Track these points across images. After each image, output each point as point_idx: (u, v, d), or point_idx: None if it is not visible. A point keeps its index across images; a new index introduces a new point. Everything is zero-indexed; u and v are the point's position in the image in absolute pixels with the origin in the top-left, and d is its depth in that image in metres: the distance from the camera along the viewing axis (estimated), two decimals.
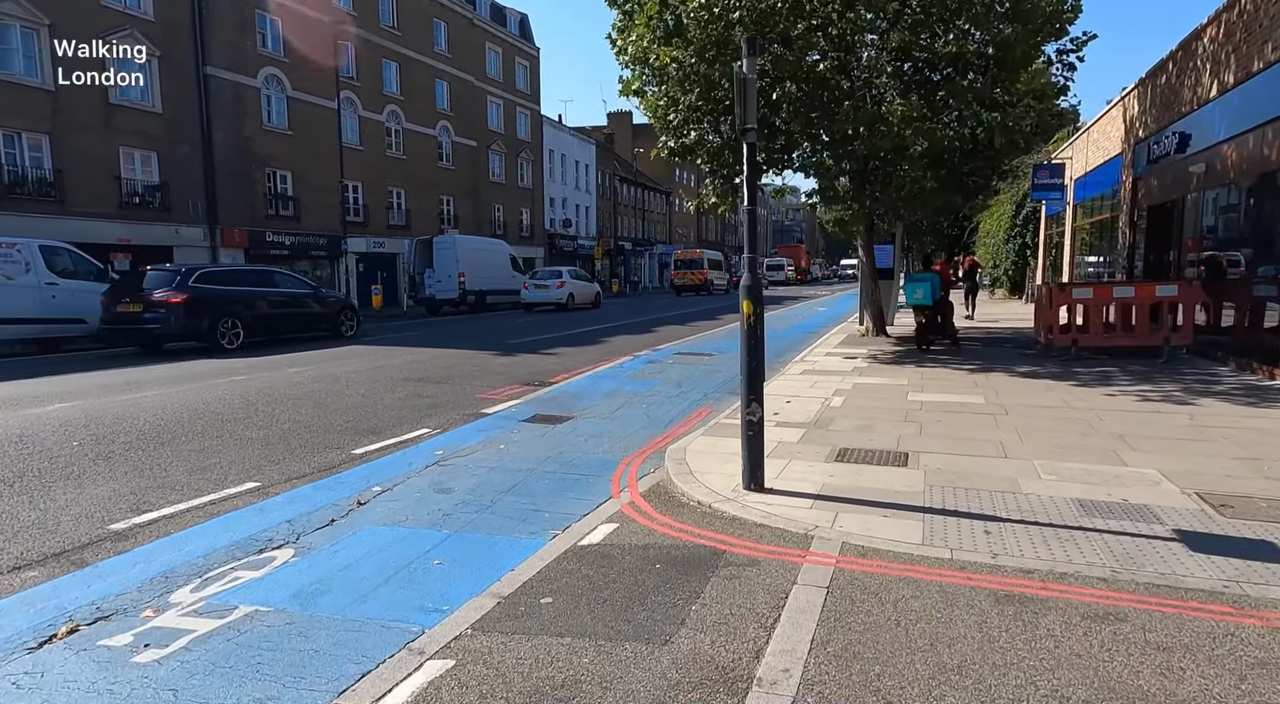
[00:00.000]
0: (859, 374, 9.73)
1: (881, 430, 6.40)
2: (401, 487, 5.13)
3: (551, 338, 15.74)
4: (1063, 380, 8.89)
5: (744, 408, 4.65)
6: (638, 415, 7.68)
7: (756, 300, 4.57)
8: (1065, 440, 5.92)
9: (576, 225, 51.18)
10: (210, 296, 13.43)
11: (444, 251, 24.61)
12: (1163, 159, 12.38)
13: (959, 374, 9.58)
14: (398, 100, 32.40)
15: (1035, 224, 24.93)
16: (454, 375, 10.25)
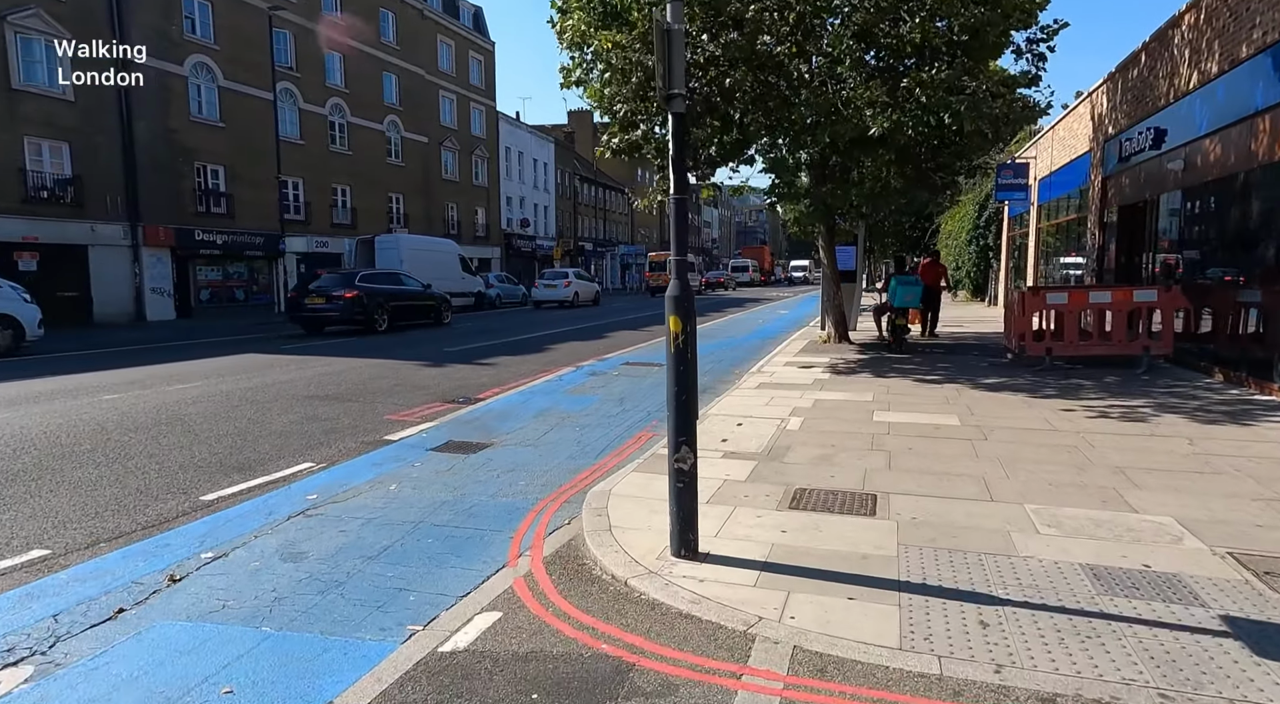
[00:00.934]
0: (820, 388, 8.83)
1: (845, 463, 5.46)
2: (242, 551, 4.02)
3: (494, 345, 14.60)
4: (1041, 395, 8.09)
5: (671, 452, 3.65)
6: (567, 441, 6.65)
7: (686, 315, 3.57)
8: (1058, 475, 5.04)
9: (535, 225, 49.91)
10: (369, 292, 17.71)
11: (387, 252, 23.24)
12: (1135, 156, 11.75)
13: (928, 388, 8.73)
14: (342, 93, 30.85)
15: (998, 226, 24.51)
16: (368, 391, 9.09)
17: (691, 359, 3.62)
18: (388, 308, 18.30)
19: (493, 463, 5.91)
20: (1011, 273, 23.48)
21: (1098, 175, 13.90)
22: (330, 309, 17.34)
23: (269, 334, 17.33)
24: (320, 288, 17.68)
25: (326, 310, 17.38)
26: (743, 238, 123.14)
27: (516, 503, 4.89)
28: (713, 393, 8.86)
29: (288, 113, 27.92)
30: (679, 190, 3.56)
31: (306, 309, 17.52)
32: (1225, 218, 9.36)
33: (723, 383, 9.63)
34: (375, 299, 17.85)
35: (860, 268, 16.89)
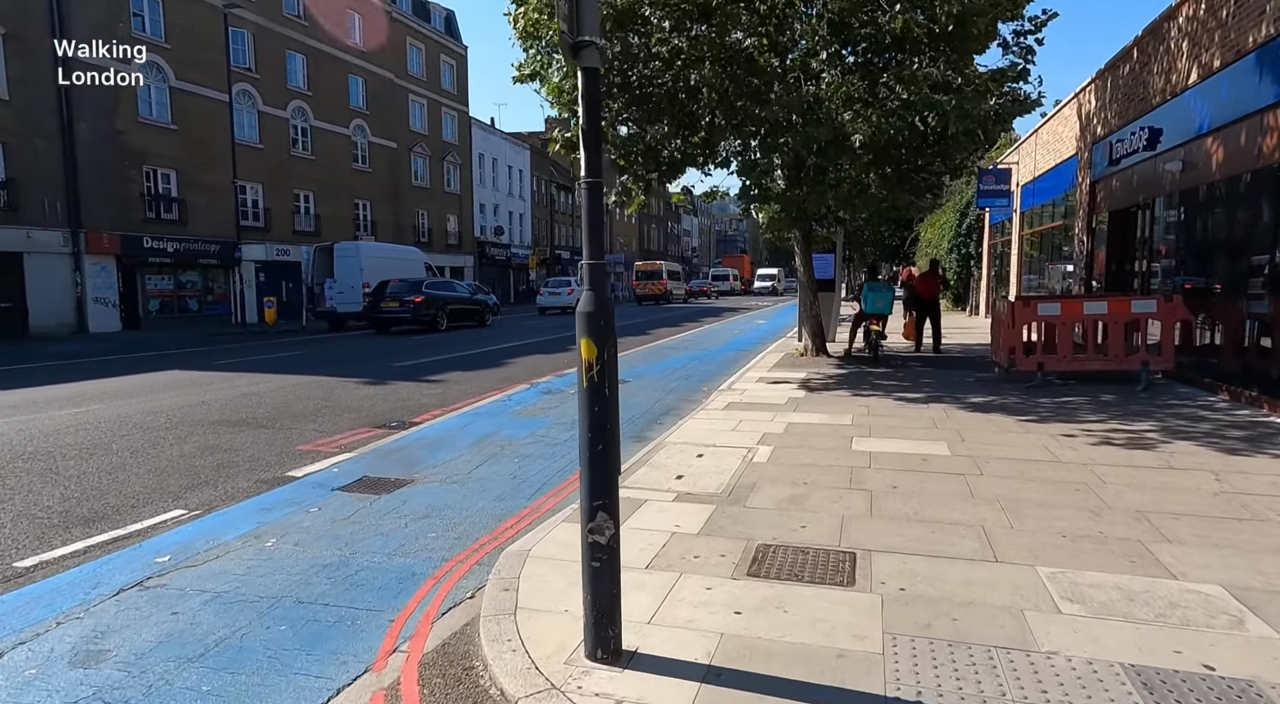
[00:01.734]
0: (794, 408, 7.98)
1: (818, 506, 4.59)
2: (25, 649, 3.06)
3: (449, 359, 13.63)
4: (1036, 417, 7.29)
5: (584, 521, 2.75)
6: (501, 476, 5.73)
7: (603, 337, 2.69)
8: (1071, 523, 4.21)
9: (510, 233, 48.94)
10: (431, 298, 20.97)
11: (346, 260, 22.18)
12: (1127, 158, 11.09)
13: (912, 408, 7.91)
14: (304, 95, 29.77)
15: (979, 233, 23.95)
16: (288, 415, 8.10)
17: (611, 396, 2.72)
18: (446, 310, 21.47)
19: (406, 506, 4.98)
20: (993, 281, 22.91)
21: (1085, 179, 13.26)
22: (403, 311, 20.46)
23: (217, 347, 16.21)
24: (394, 293, 20.64)
25: (400, 312, 20.47)
26: (723, 246, 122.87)
27: (416, 565, 3.96)
28: (675, 415, 7.99)
29: (246, 115, 26.81)
30: (591, 172, 2.67)
31: (382, 311, 20.55)
32: (1230, 222, 8.67)
33: (688, 403, 8.76)
34: (436, 303, 21.14)
35: (839, 276, 16.16)
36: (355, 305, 21.76)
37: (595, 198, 2.68)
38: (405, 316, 20.52)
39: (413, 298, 20.43)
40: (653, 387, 10.07)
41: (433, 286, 21.69)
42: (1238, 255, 8.41)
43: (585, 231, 2.72)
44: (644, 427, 7.52)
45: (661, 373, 11.53)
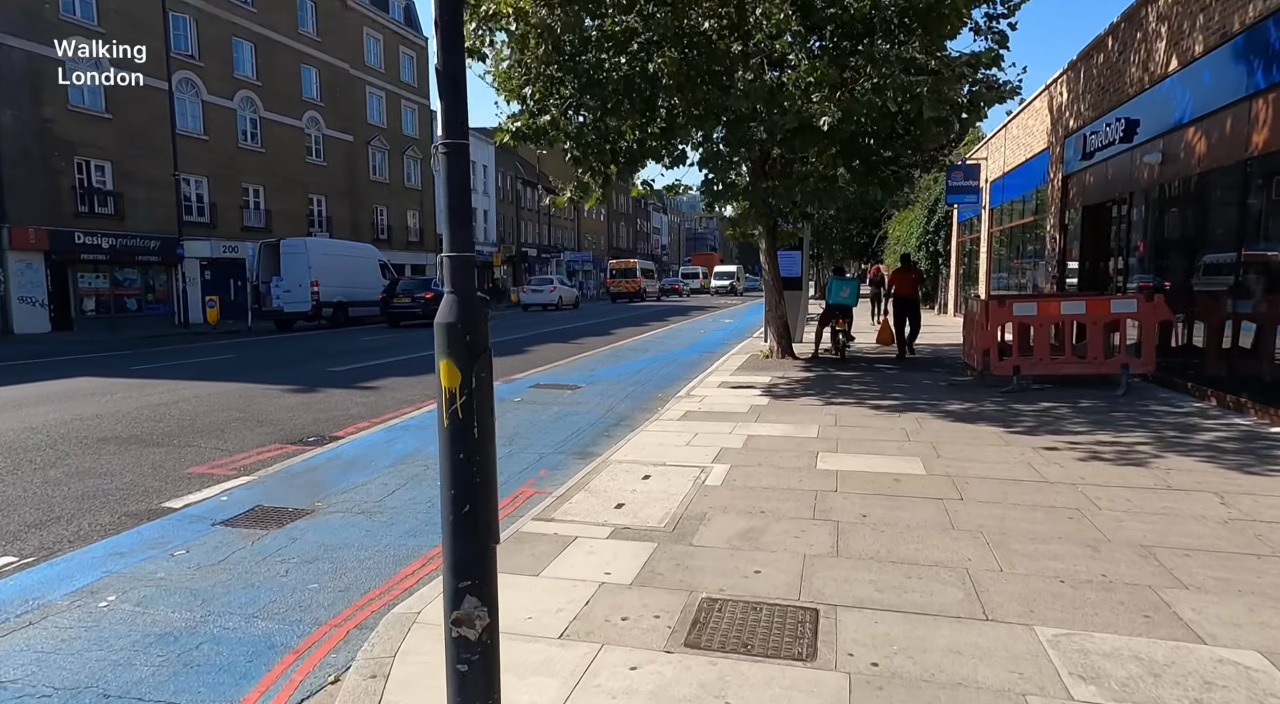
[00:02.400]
0: (756, 418, 7.33)
1: (777, 543, 3.92)
2: None
3: (393, 363, 12.77)
4: (1017, 427, 6.72)
5: (448, 608, 2.02)
6: (418, 505, 4.98)
7: (469, 357, 1.96)
8: (1069, 563, 3.60)
9: (474, 230, 47.73)
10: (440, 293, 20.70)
11: (293, 257, 21.09)
12: (1102, 151, 10.64)
13: (882, 417, 7.31)
14: (252, 85, 28.48)
15: (948, 231, 23.63)
16: (191, 429, 7.23)
17: (482, 439, 2.00)
18: None
19: (294, 546, 4.20)
20: (961, 280, 22.60)
21: (1057, 174, 12.83)
22: (414, 306, 21.91)
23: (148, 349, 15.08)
24: (404, 290, 22.67)
25: (410, 308, 21.98)
26: (692, 244, 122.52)
27: (280, 631, 3.20)
28: (628, 426, 7.29)
29: (188, 105, 25.50)
30: (452, 131, 1.94)
31: (394, 306, 22.30)
32: (1214, 216, 8.21)
33: (643, 412, 8.07)
34: None
35: (806, 274, 15.60)
36: (303, 304, 20.72)
37: (457, 166, 1.95)
38: (416, 311, 21.93)
39: (423, 294, 22.08)
40: (606, 393, 9.35)
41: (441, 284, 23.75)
42: (1221, 251, 7.94)
43: (445, 214, 1.99)
44: (590, 440, 6.80)
45: (618, 377, 10.82)
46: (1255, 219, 7.25)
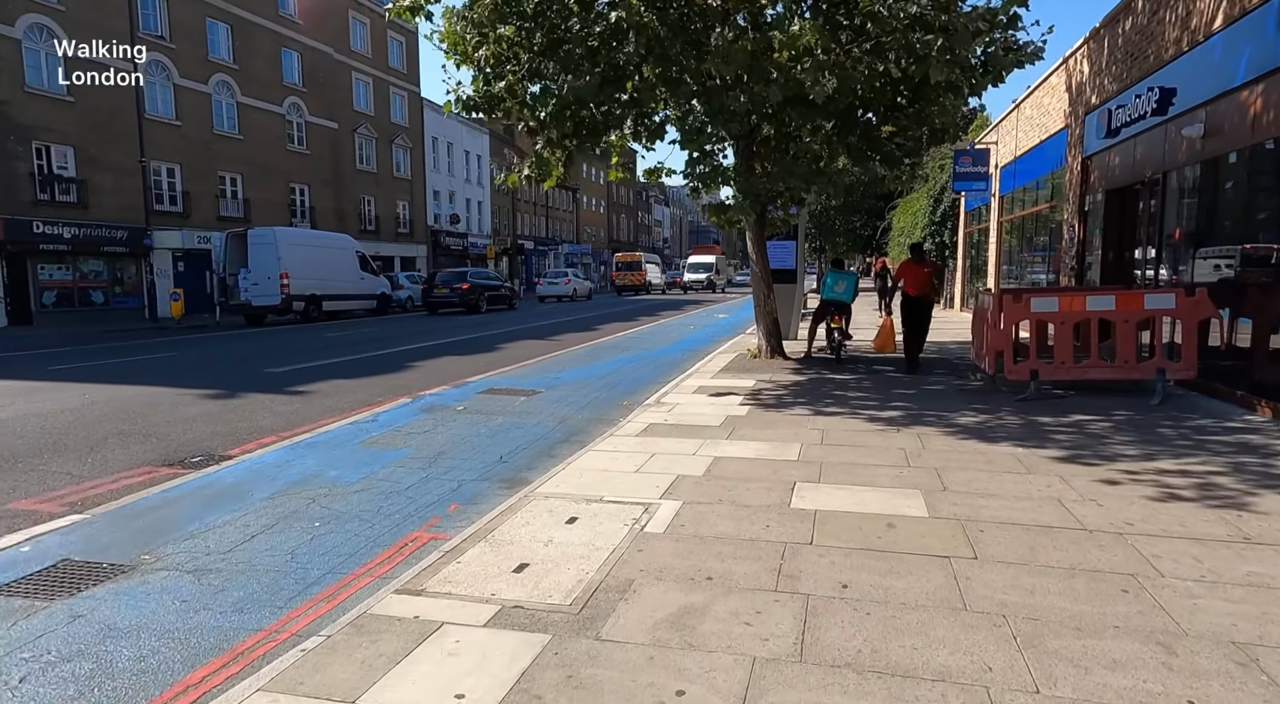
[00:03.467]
0: (729, 432, 6.21)
1: (718, 637, 2.80)
2: None
3: (341, 363, 11.65)
4: (1040, 447, 5.58)
5: None
6: (274, 556, 3.88)
7: None
8: (1133, 678, 2.48)
9: (468, 222, 46.71)
10: (475, 284, 25.27)
11: (261, 248, 19.97)
12: (1130, 126, 9.45)
13: (877, 433, 6.17)
14: (229, 69, 27.33)
15: (955, 221, 22.41)
16: (53, 447, 6.13)
17: None
18: (485, 296, 25.67)
19: (67, 629, 3.11)
20: (969, 272, 21.40)
21: (1076, 155, 11.64)
22: (451, 297, 24.85)
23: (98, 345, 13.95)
24: (443, 281, 25.59)
25: (449, 297, 24.91)
26: (695, 237, 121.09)
27: None
28: (576, 443, 6.17)
29: (159, 88, 24.35)
30: None
31: (434, 296, 25.20)
32: (1269, 196, 7.02)
33: (600, 424, 6.94)
34: (478, 290, 25.43)
35: (802, 266, 14.40)
36: (272, 298, 19.62)
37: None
38: (454, 301, 24.81)
39: (460, 285, 24.97)
40: (566, 400, 8.23)
41: (476, 276, 26.48)
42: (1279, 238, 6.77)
43: None
44: (527, 462, 5.68)
45: (584, 380, 9.69)
46: None
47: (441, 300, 24.95)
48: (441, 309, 25.08)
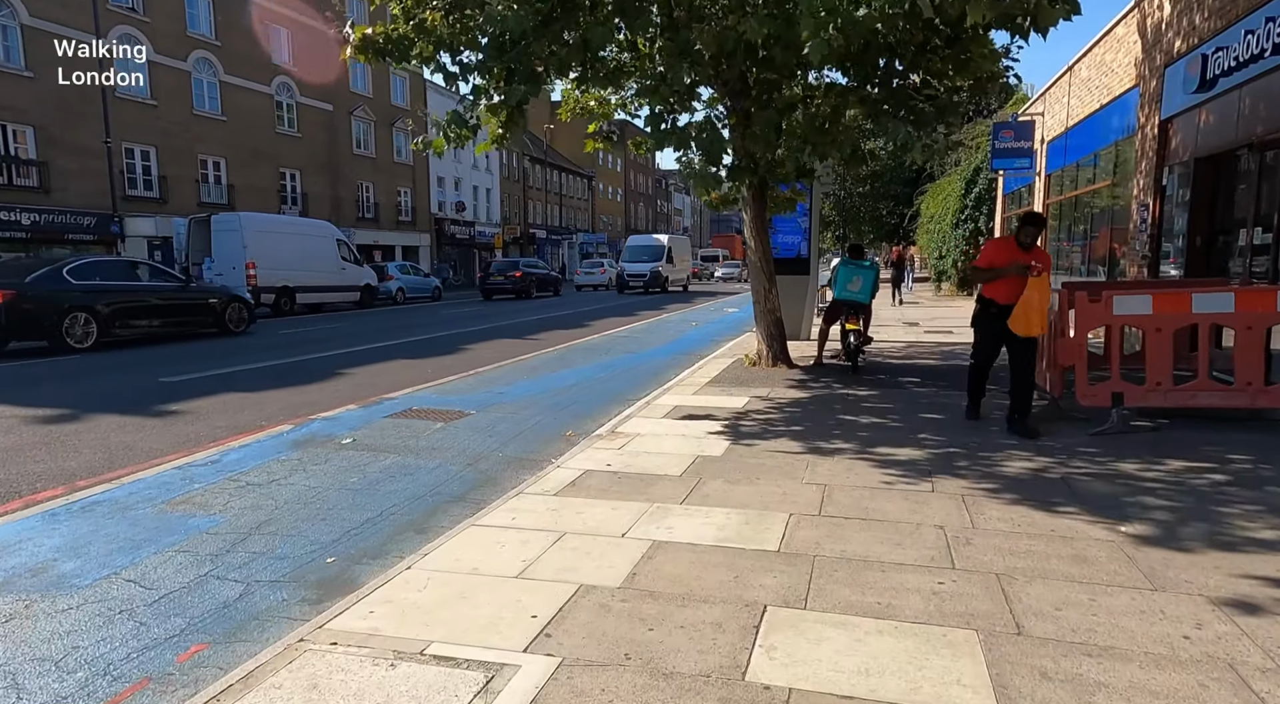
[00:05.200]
0: (689, 489, 4.34)
1: None
2: None
3: (257, 370, 9.91)
4: (1150, 526, 3.63)
5: None
6: None
7: None
8: None
9: (475, 210, 45.02)
10: (527, 273, 27.85)
11: (225, 235, 18.33)
12: (1234, 74, 7.35)
13: (901, 495, 4.24)
14: (210, 45, 25.74)
15: (990, 205, 20.17)
16: None
17: None
18: (536, 283, 27.96)
19: None
20: None
21: (1151, 118, 9.51)
22: (506, 283, 27.25)
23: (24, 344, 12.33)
24: (498, 269, 28.22)
25: (504, 284, 27.26)
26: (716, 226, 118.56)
27: None
28: (469, 505, 4.34)
29: (131, 65, 22.80)
30: None
31: (490, 283, 27.61)
32: None
33: (519, 468, 5.10)
34: (530, 278, 27.72)
35: (816, 253, 12.37)
36: (238, 289, 17.95)
37: None
38: (508, 287, 27.11)
39: (514, 273, 27.42)
40: (494, 427, 6.39)
41: (528, 265, 28.97)
42: None
43: None
44: (376, 545, 3.84)
45: (536, 395, 7.84)
46: None
47: (496, 287, 27.39)
48: (495, 295, 27.35)
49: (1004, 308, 5.56)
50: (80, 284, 11.70)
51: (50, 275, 11.49)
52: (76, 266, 11.98)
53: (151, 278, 13.75)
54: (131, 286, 12.95)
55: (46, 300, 11.19)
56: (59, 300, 11.28)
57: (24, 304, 10.97)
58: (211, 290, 14.94)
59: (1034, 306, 5.40)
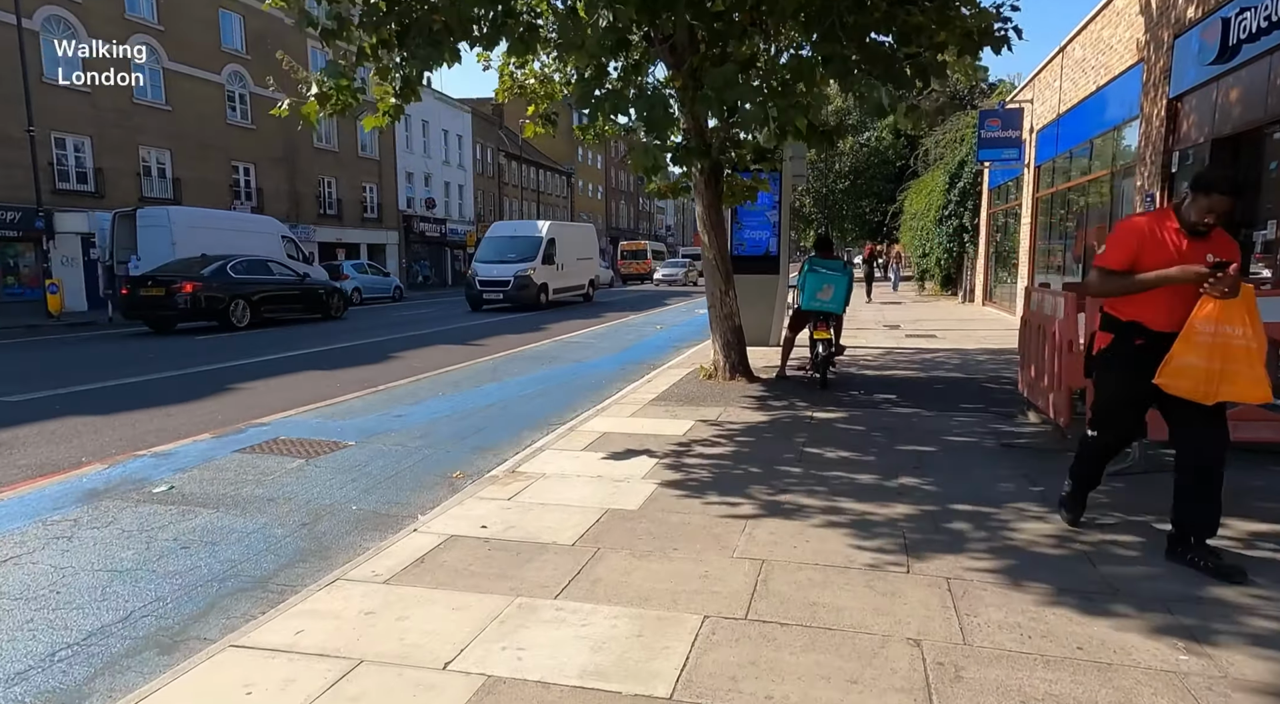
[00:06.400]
0: (575, 568, 3.15)
1: None
2: None
3: (131, 385, 8.61)
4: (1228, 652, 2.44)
5: None
6: None
7: None
8: None
9: (447, 206, 43.55)
10: None
11: (152, 230, 16.89)
12: (1259, 40, 6.25)
13: (864, 578, 3.06)
14: (153, 30, 24.19)
15: (975, 200, 19.13)
16: None
17: None
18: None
19: None
20: (992, 260, 18.17)
21: (1158, 97, 8.41)
22: None
23: None
24: None
25: None
26: None
27: None
28: (270, 591, 3.08)
29: (59, 48, 21.25)
30: None
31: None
32: None
33: (370, 528, 3.88)
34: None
35: (787, 250, 11.17)
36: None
37: None
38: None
39: None
40: (364, 465, 5.14)
41: None
42: None
43: None
44: (68, 685, 2.58)
45: (444, 416, 6.60)
46: None
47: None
48: None
49: (1159, 338, 3.09)
50: (238, 278, 15.13)
51: (219, 270, 14.97)
52: (235, 264, 15.36)
53: (278, 272, 16.69)
54: (270, 280, 16.15)
55: (219, 290, 14.61)
56: (227, 290, 14.71)
57: (204, 293, 14.40)
58: (319, 283, 17.76)
59: (1235, 350, 2.90)
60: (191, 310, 14.32)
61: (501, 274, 20.05)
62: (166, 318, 14.63)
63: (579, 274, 23.97)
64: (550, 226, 22.69)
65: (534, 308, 19.99)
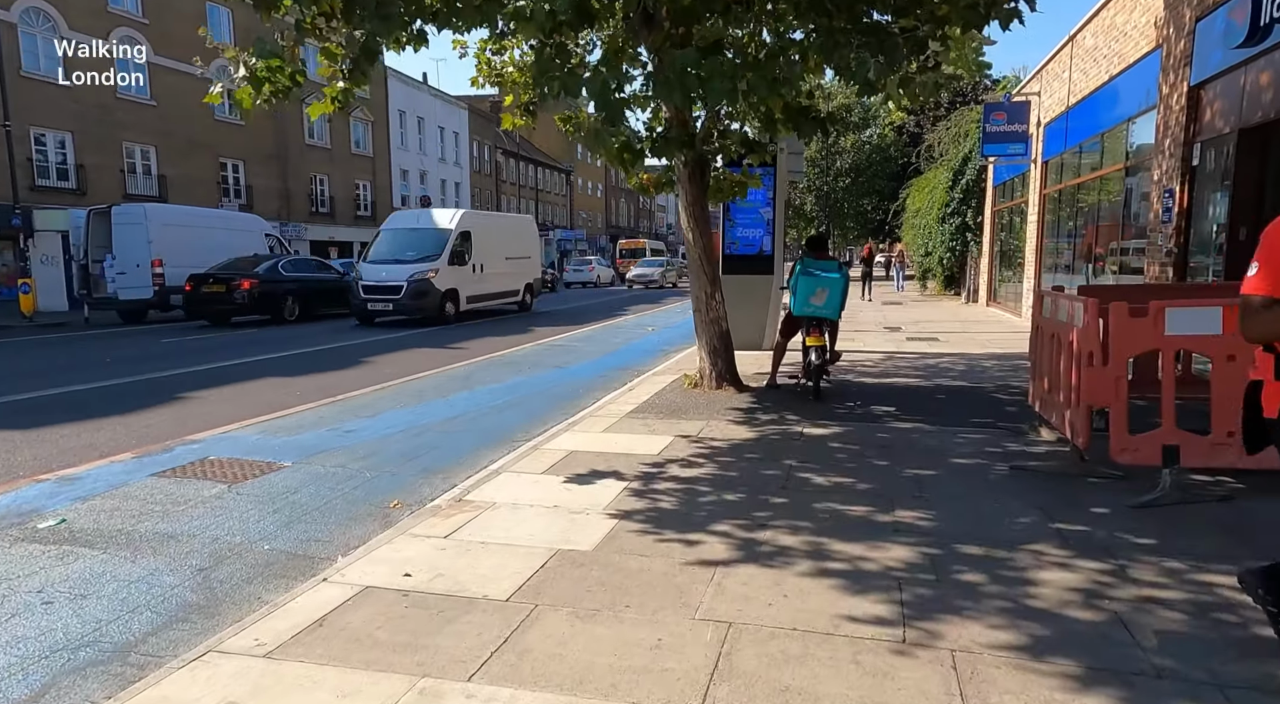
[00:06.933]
0: (514, 622, 2.58)
1: None
2: None
3: (81, 392, 8.06)
4: None
5: None
6: None
7: None
8: None
9: (442, 204, 42.95)
10: None
11: (127, 228, 16.35)
12: None
13: (852, 641, 2.48)
14: (135, 22, 23.66)
15: (979, 197, 18.53)
16: None
17: None
18: None
19: None
20: (997, 259, 17.58)
21: (1178, 85, 7.82)
22: None
23: None
24: None
25: None
26: None
27: None
28: (106, 681, 2.49)
29: (40, 42, 20.74)
30: None
31: None
32: None
33: (270, 581, 3.33)
34: None
35: (781, 249, 10.57)
36: (144, 290, 16.05)
37: None
38: None
39: None
40: (302, 490, 4.58)
41: None
42: None
43: None
44: None
45: (397, 432, 6.03)
46: None
47: None
48: None
49: None
50: (289, 275, 16.56)
51: (272, 268, 16.31)
52: (285, 263, 17.01)
53: (320, 271, 18.32)
54: (316, 278, 17.59)
55: (273, 286, 15.83)
56: (280, 287, 16.03)
57: (260, 289, 15.49)
58: None
59: None
60: (249, 305, 15.31)
61: (392, 277, 15.09)
62: (225, 312, 15.50)
63: (509, 278, 18.63)
64: (463, 216, 17.30)
65: (438, 322, 15.29)
